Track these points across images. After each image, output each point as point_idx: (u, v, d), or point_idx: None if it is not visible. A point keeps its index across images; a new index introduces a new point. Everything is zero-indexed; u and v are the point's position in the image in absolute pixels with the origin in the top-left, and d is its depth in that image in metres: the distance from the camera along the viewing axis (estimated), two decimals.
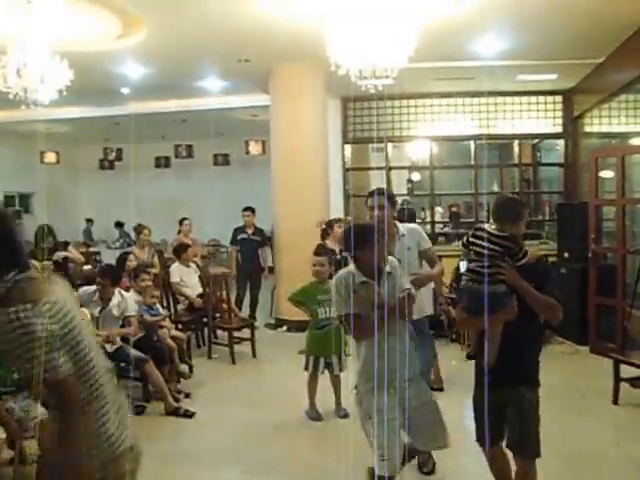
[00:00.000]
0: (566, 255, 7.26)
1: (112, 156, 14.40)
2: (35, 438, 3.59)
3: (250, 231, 8.26)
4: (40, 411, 3.54)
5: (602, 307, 6.48)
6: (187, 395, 5.32)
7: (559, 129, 9.50)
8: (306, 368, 4.73)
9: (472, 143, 9.65)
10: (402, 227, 3.97)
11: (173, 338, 5.56)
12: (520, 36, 6.74)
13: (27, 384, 3.47)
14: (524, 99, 9.42)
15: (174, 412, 4.88)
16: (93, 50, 6.79)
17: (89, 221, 15.00)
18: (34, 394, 3.44)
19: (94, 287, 5.12)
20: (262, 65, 7.66)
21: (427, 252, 4.08)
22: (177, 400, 5.11)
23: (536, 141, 10.37)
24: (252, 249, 8.22)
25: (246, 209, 8.33)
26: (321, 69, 7.42)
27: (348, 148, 9.74)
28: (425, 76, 8.08)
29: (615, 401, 4.91)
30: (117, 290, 5.18)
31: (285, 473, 3.93)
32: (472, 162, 9.71)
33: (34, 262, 5.29)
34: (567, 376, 5.62)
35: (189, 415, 4.87)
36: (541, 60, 7.64)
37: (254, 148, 12.54)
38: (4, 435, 3.40)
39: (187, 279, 7.02)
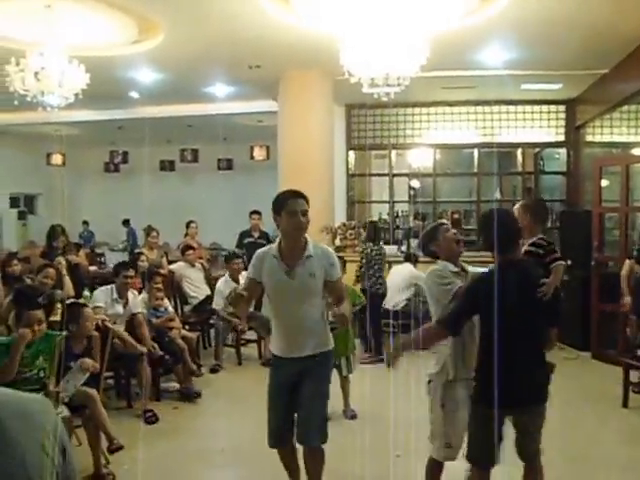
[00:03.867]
0: (569, 262, 7.37)
1: (118, 159, 14.50)
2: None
3: (256, 235, 8.35)
4: (62, 411, 3.65)
5: (604, 314, 6.60)
6: (198, 394, 5.40)
7: (561, 138, 9.63)
8: None
9: (475, 151, 9.78)
10: (311, 244, 3.04)
11: (183, 338, 5.64)
12: (525, 46, 6.86)
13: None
14: (527, 108, 9.55)
15: (144, 413, 4.83)
16: (109, 55, 6.90)
17: (85, 223, 14.84)
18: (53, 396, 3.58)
19: (109, 286, 5.21)
20: (272, 72, 7.77)
21: (336, 284, 3.10)
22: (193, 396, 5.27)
23: (538, 149, 10.49)
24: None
25: (254, 212, 8.44)
26: (329, 76, 7.58)
27: (352, 154, 9.86)
28: (430, 85, 8.19)
29: (625, 404, 5.01)
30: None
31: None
32: (475, 170, 9.83)
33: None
34: (572, 381, 5.66)
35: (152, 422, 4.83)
36: (546, 70, 7.77)
37: (258, 153, 12.66)
38: None
39: (193, 278, 7.14)
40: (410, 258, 7.29)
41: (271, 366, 3.24)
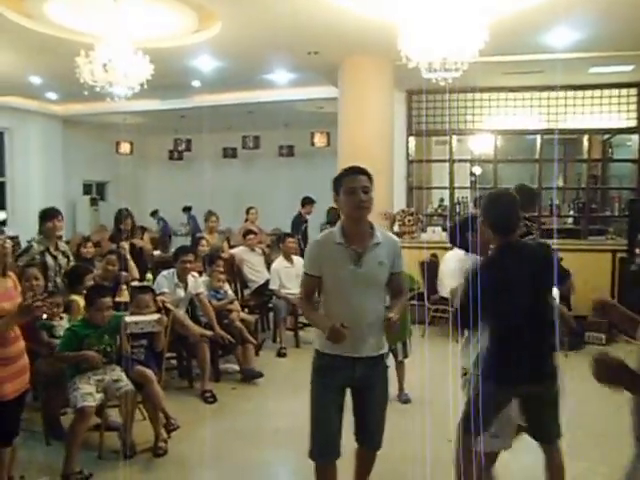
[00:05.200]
0: (638, 251, 7.09)
1: (182, 147, 14.86)
2: (119, 407, 3.89)
3: (306, 220, 8.74)
4: (127, 383, 3.85)
5: None
6: (260, 374, 5.53)
7: (633, 123, 9.19)
8: None
9: (538, 137, 9.48)
10: (378, 230, 2.80)
11: (242, 321, 5.79)
12: (595, 26, 6.54)
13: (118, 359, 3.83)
14: (596, 92, 9.15)
15: (203, 393, 5.05)
16: (171, 45, 7.09)
17: (155, 213, 14.76)
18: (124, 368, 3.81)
19: (170, 271, 5.39)
20: (331, 58, 7.78)
21: (399, 277, 2.88)
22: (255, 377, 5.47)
23: (607, 136, 10.07)
24: (308, 237, 8.59)
25: (311, 200, 8.72)
26: (389, 61, 7.51)
27: (412, 140, 9.76)
28: (492, 70, 8.01)
29: None
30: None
31: (348, 456, 4.06)
32: (537, 156, 9.55)
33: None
34: None
35: (211, 402, 5.01)
36: (616, 51, 7.41)
37: (319, 140, 12.73)
38: (94, 403, 3.70)
39: (254, 262, 7.30)
40: None
41: (317, 369, 2.89)
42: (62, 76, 7.82)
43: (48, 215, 4.89)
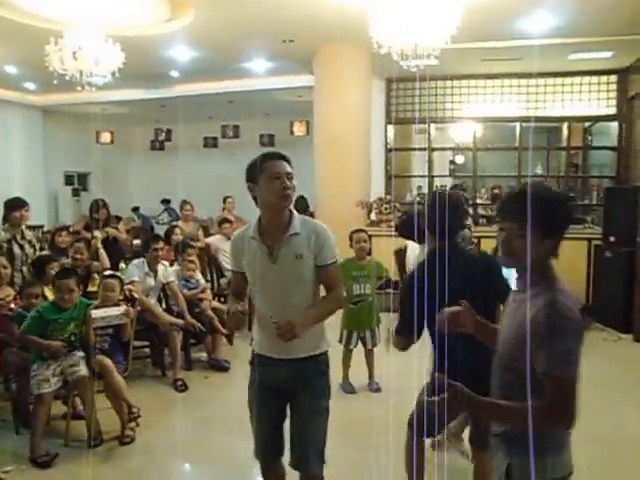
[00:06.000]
0: (612, 239, 7.14)
1: (162, 137, 14.77)
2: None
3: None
4: (82, 369, 3.81)
5: None
6: (228, 364, 5.52)
7: (612, 110, 9.21)
8: (340, 341, 4.86)
9: (518, 125, 9.49)
10: (297, 219, 2.48)
11: (213, 310, 5.76)
12: (573, 11, 6.50)
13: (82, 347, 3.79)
14: (575, 79, 9.16)
15: (174, 382, 5.03)
16: (145, 34, 7.02)
17: (136, 209, 14.32)
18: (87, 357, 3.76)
19: (140, 259, 5.35)
20: (307, 46, 7.74)
21: (329, 271, 2.51)
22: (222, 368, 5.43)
23: (588, 124, 10.08)
24: None
25: None
26: (366, 50, 7.45)
27: (391, 129, 9.74)
28: (470, 57, 8.00)
29: None
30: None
31: None
32: (517, 144, 9.57)
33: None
34: (609, 363, 5.51)
35: (182, 390, 5.00)
36: (595, 37, 7.38)
37: (298, 129, 12.68)
38: (50, 390, 3.71)
39: (229, 251, 7.24)
40: None
41: (252, 366, 2.65)
42: (36, 65, 7.71)
43: (15, 205, 4.86)
